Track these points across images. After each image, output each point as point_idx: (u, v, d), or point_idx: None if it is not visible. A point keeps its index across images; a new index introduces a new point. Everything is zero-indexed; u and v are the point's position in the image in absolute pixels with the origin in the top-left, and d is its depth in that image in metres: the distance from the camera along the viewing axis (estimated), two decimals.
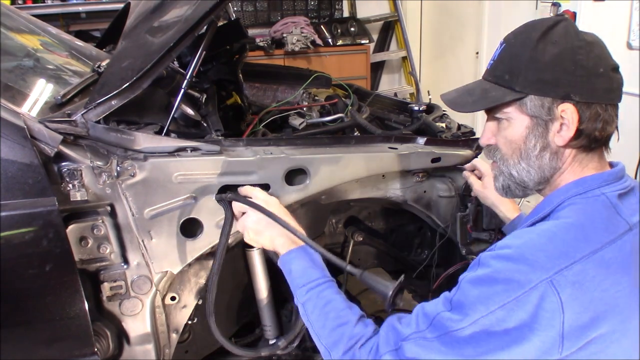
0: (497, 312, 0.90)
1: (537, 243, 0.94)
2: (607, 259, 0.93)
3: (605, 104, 1.00)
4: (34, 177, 1.15)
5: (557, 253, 0.91)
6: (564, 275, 0.89)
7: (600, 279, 0.91)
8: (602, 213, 0.98)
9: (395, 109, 2.19)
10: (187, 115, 1.58)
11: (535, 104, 1.01)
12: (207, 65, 1.98)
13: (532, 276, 0.90)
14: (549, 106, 1.00)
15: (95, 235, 1.26)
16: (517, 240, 0.96)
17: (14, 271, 1.14)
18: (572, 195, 1.01)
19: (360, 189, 1.68)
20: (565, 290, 0.89)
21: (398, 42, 5.08)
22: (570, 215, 0.98)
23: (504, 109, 1.05)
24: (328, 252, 1.25)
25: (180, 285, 1.44)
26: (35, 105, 1.38)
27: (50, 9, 3.82)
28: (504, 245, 0.97)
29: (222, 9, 1.51)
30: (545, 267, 0.90)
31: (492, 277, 0.93)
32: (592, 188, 1.01)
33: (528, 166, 1.06)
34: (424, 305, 1.02)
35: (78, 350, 1.22)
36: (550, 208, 1.03)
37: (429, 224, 1.86)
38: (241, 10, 4.56)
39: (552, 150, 1.03)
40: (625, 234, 0.96)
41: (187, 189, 1.35)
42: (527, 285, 0.89)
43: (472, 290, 0.94)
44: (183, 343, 1.61)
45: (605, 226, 0.96)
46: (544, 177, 1.06)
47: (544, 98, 1.00)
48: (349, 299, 1.20)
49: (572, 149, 1.03)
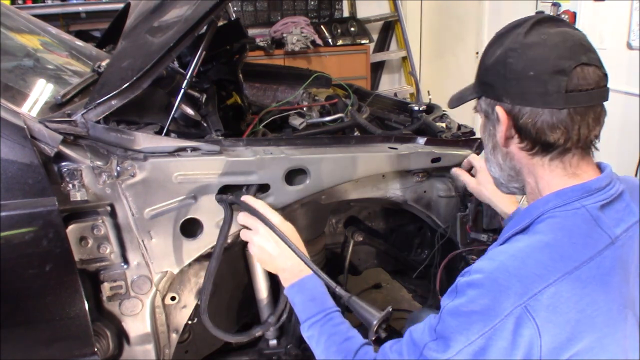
0: (477, 342, 0.91)
1: (509, 267, 0.92)
2: (584, 278, 0.91)
3: (543, 107, 0.96)
4: (34, 177, 1.15)
5: (530, 276, 0.90)
6: (537, 300, 0.88)
7: (575, 299, 0.90)
8: (581, 228, 0.96)
9: (395, 109, 2.19)
10: (187, 115, 1.58)
11: (484, 104, 1.06)
12: (207, 65, 1.98)
13: (505, 304, 0.89)
14: (492, 107, 1.03)
15: (95, 235, 1.26)
16: (491, 264, 0.95)
17: (14, 271, 1.14)
18: (551, 208, 0.99)
19: (361, 189, 1.68)
20: (540, 314, 0.88)
21: (398, 42, 5.08)
22: (547, 232, 0.96)
23: (476, 107, 1.11)
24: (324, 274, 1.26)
25: (180, 285, 1.44)
26: (35, 105, 1.38)
27: (50, 9, 3.82)
28: (478, 270, 0.96)
29: (222, 9, 1.51)
30: (518, 293, 0.89)
31: (468, 307, 0.93)
32: (571, 200, 0.98)
33: (492, 163, 1.11)
34: (412, 333, 1.03)
35: (78, 350, 1.22)
36: (529, 220, 1.01)
37: (429, 224, 1.86)
38: (241, 10, 4.56)
39: (502, 150, 1.06)
40: (605, 249, 0.95)
41: (187, 189, 1.35)
42: (502, 313, 0.89)
43: (451, 321, 0.95)
44: (183, 343, 1.61)
45: (584, 242, 0.94)
46: (510, 176, 1.09)
47: (488, 99, 1.05)
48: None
49: (522, 151, 1.02)
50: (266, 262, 1.32)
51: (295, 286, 1.26)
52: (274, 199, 1.44)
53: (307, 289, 1.25)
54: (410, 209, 1.80)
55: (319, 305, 1.21)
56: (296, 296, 1.25)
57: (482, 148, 1.74)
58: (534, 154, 1.01)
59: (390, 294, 2.90)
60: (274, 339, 1.73)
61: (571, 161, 1.01)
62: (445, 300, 0.99)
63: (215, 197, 1.38)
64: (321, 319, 1.19)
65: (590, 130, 0.98)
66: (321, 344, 1.16)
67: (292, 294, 1.26)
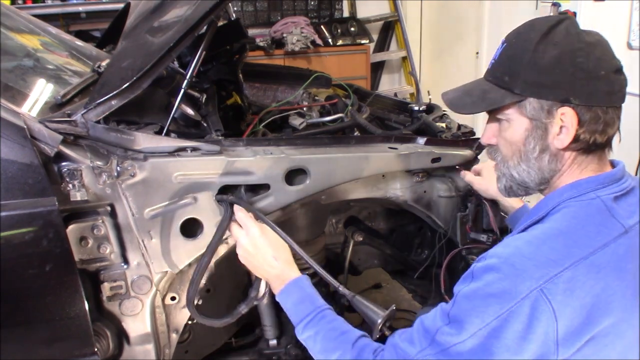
0: (492, 323, 0.91)
1: (525, 252, 0.93)
2: (598, 263, 0.92)
3: (607, 106, 0.98)
4: (34, 177, 1.15)
5: (546, 261, 0.91)
6: (554, 283, 0.90)
7: (591, 284, 0.91)
8: (595, 217, 0.97)
9: (395, 109, 2.19)
10: (187, 115, 1.58)
11: (534, 106, 1.00)
12: (207, 65, 1.98)
13: (522, 286, 0.90)
14: (548, 109, 0.99)
15: (95, 235, 1.26)
16: (506, 250, 0.96)
17: (14, 271, 1.14)
18: (566, 199, 1.01)
19: (360, 189, 1.68)
20: (557, 298, 0.89)
21: (398, 42, 5.08)
22: (561, 220, 0.98)
23: (504, 111, 1.05)
24: (323, 270, 1.26)
25: (180, 285, 1.44)
26: (35, 105, 1.38)
27: (50, 9, 3.82)
28: (493, 255, 0.97)
29: (222, 9, 1.51)
30: (534, 276, 0.90)
31: (485, 290, 0.94)
32: (587, 191, 1.00)
33: (528, 167, 1.06)
34: (423, 320, 1.03)
35: (78, 350, 1.22)
36: (545, 211, 1.02)
37: (429, 224, 1.86)
38: (241, 10, 4.56)
39: (551, 152, 1.03)
40: (619, 237, 0.96)
41: (187, 189, 1.35)
42: (519, 296, 0.90)
43: (467, 304, 0.96)
44: (183, 343, 1.61)
45: (598, 230, 0.95)
46: (544, 178, 1.06)
47: (543, 101, 0.99)
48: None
49: (572, 151, 1.02)
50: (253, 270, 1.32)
51: (284, 292, 1.25)
52: (274, 199, 1.45)
53: (294, 292, 1.24)
54: (410, 209, 1.80)
55: (308, 305, 1.20)
56: (286, 301, 1.24)
57: (482, 148, 1.76)
58: (584, 152, 1.02)
59: (390, 294, 2.90)
60: (274, 339, 1.73)
61: (601, 156, 1.04)
62: (459, 286, 1.00)
63: (216, 197, 1.38)
64: (313, 317, 1.18)
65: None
66: (318, 342, 1.16)
67: (283, 301, 1.25)
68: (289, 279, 1.25)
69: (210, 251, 1.33)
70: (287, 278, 1.25)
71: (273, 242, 1.29)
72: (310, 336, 1.17)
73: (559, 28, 0.99)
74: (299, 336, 1.20)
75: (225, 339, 1.83)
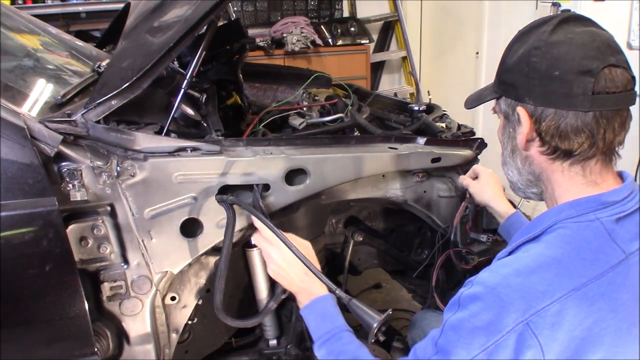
0: (479, 356, 0.89)
1: (512, 282, 0.89)
2: (592, 295, 0.88)
3: (567, 110, 0.92)
4: (34, 177, 1.15)
5: (534, 293, 0.87)
6: (540, 317, 0.86)
7: (581, 317, 0.87)
8: (592, 242, 0.91)
9: (395, 109, 2.19)
10: (187, 115, 1.58)
11: (504, 104, 1.03)
12: (207, 65, 1.98)
13: (507, 319, 0.87)
14: (512, 108, 1.00)
15: (95, 235, 1.26)
16: (493, 278, 0.92)
17: (14, 271, 1.14)
18: (563, 218, 0.95)
19: (361, 189, 1.68)
20: (544, 332, 0.86)
21: (398, 42, 5.08)
22: (556, 245, 0.93)
23: (495, 107, 1.08)
24: (321, 273, 1.27)
25: (180, 285, 1.44)
26: (35, 105, 1.38)
27: (50, 9, 3.82)
28: (480, 282, 0.93)
29: (222, 9, 1.51)
30: (519, 309, 0.86)
31: (470, 321, 0.91)
32: (585, 212, 0.94)
33: (509, 167, 1.07)
34: (416, 349, 1.02)
35: (78, 350, 1.22)
36: (540, 229, 0.97)
37: (429, 224, 1.86)
38: (241, 10, 4.56)
39: (521, 154, 1.02)
40: (618, 265, 0.91)
41: (187, 189, 1.35)
42: (505, 329, 0.87)
43: (453, 335, 0.93)
44: (183, 343, 1.61)
45: (594, 258, 0.90)
46: (529, 180, 1.05)
47: (509, 100, 1.01)
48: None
49: (542, 155, 0.99)
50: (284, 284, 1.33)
51: (309, 307, 1.26)
52: (274, 199, 1.45)
53: (318, 308, 1.24)
54: (410, 209, 1.80)
55: (329, 324, 1.20)
56: (309, 316, 1.25)
57: (482, 148, 1.76)
58: (554, 158, 0.97)
59: (390, 294, 2.90)
60: (274, 339, 1.73)
61: (593, 168, 0.97)
62: (447, 314, 0.97)
63: (216, 197, 1.38)
64: (330, 337, 1.18)
65: (616, 136, 0.93)
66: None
67: (306, 315, 1.26)
68: (316, 295, 1.26)
69: (225, 256, 1.33)
70: (315, 294, 1.26)
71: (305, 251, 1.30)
72: (325, 354, 1.17)
73: (541, 28, 0.97)
74: (315, 352, 1.20)
75: (225, 339, 1.83)
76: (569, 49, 0.92)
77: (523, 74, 0.96)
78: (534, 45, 0.95)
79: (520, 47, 0.98)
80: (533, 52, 0.95)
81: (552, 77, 0.92)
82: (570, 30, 0.95)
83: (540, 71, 0.93)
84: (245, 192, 1.44)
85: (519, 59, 0.97)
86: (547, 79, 0.93)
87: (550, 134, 0.95)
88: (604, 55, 0.92)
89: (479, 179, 1.61)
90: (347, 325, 1.22)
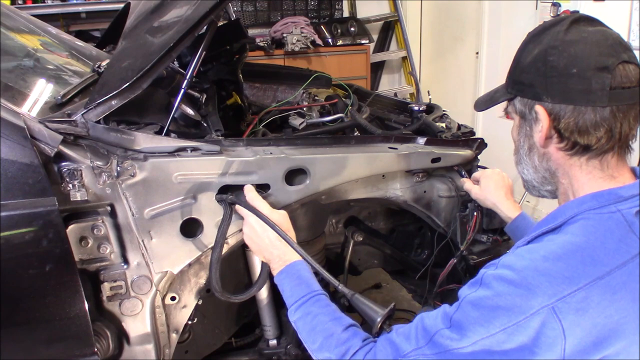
0: (497, 335, 0.90)
1: (540, 267, 0.91)
2: (614, 284, 0.90)
3: (585, 106, 0.95)
4: (34, 177, 1.15)
5: (561, 278, 0.89)
6: (566, 302, 0.88)
7: (605, 304, 0.89)
8: (615, 233, 0.93)
9: (395, 109, 2.19)
10: (187, 115, 1.58)
11: (519, 104, 1.04)
12: (207, 65, 1.99)
13: (533, 302, 0.89)
14: (529, 107, 1.02)
15: (95, 235, 1.26)
16: (521, 262, 0.94)
17: (14, 271, 1.14)
18: (585, 210, 0.97)
19: (360, 189, 1.68)
20: (568, 317, 0.87)
21: (398, 42, 5.08)
22: (579, 234, 0.94)
23: (507, 108, 1.09)
24: (322, 268, 1.26)
25: (180, 285, 1.44)
26: (35, 105, 1.37)
27: (50, 9, 3.82)
28: (507, 265, 0.94)
29: (222, 9, 1.51)
30: (547, 293, 0.88)
31: (494, 300, 0.92)
32: (607, 203, 0.96)
33: (525, 165, 1.09)
34: (424, 318, 1.02)
35: (78, 350, 1.22)
36: (562, 220, 0.99)
37: (429, 224, 1.86)
38: (241, 10, 4.56)
39: (539, 151, 1.04)
40: (638, 255, 0.92)
41: (187, 189, 1.35)
42: (529, 311, 0.88)
43: (472, 311, 0.94)
44: (183, 343, 1.61)
45: (616, 248, 0.92)
46: (544, 178, 1.06)
47: (525, 99, 1.03)
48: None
49: (560, 151, 1.01)
50: (257, 251, 1.34)
51: (283, 272, 1.26)
52: (274, 199, 1.44)
53: (292, 273, 1.25)
54: (410, 209, 1.80)
55: (305, 288, 1.21)
56: (284, 282, 1.25)
57: (482, 148, 1.76)
58: (572, 154, 1.00)
59: (390, 294, 2.90)
60: (274, 339, 1.73)
61: (609, 162, 1.00)
62: (465, 290, 0.98)
63: (215, 197, 1.38)
64: (308, 299, 1.18)
65: (631, 129, 0.97)
66: (308, 323, 1.15)
67: (280, 281, 1.26)
68: (290, 261, 1.26)
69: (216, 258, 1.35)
70: (288, 260, 1.27)
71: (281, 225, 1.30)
72: (301, 317, 1.17)
73: (554, 28, 1.00)
74: (290, 317, 1.20)
75: (225, 339, 1.83)
76: (585, 47, 0.95)
77: (540, 73, 0.98)
78: (551, 45, 0.97)
79: (535, 47, 1.00)
80: (550, 51, 0.97)
81: (571, 75, 0.95)
82: (582, 29, 0.98)
83: (558, 69, 0.96)
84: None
85: (535, 58, 0.99)
86: (566, 76, 0.95)
87: (570, 130, 0.97)
88: (617, 52, 0.95)
89: (481, 183, 1.61)
90: (323, 289, 1.22)
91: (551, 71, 0.97)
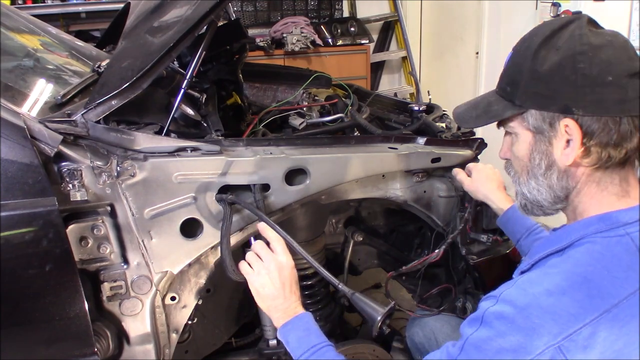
0: None
1: (544, 304, 0.86)
2: (623, 317, 0.85)
3: (619, 116, 0.87)
4: (34, 177, 1.15)
5: (566, 316, 0.84)
6: (572, 340, 0.83)
7: (612, 339, 0.84)
8: (623, 260, 0.87)
9: (395, 109, 2.19)
10: (187, 115, 1.58)
11: (536, 118, 0.94)
12: (207, 65, 1.98)
13: (538, 342, 0.84)
14: (550, 121, 0.92)
15: (95, 235, 1.26)
16: (523, 298, 0.88)
17: (14, 271, 1.14)
18: (592, 233, 0.91)
19: (360, 189, 1.68)
20: (575, 355, 0.84)
21: (398, 42, 5.08)
22: (585, 261, 0.88)
23: (509, 124, 0.99)
24: (322, 268, 1.25)
25: (180, 285, 1.44)
26: (35, 105, 1.37)
27: (50, 9, 3.81)
28: (508, 300, 0.89)
29: (222, 9, 1.51)
30: (552, 333, 0.84)
31: (497, 342, 0.87)
32: (616, 226, 0.90)
33: (537, 185, 0.98)
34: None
35: (78, 350, 1.22)
36: (567, 242, 0.93)
37: (429, 224, 1.86)
38: (241, 10, 4.56)
39: (559, 169, 0.95)
40: None
41: (187, 189, 1.35)
42: (534, 352, 0.84)
43: (476, 354, 0.89)
44: (183, 343, 1.61)
45: (625, 277, 0.86)
46: (558, 197, 0.98)
47: (545, 112, 0.92)
48: None
49: (584, 167, 0.93)
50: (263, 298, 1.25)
51: (290, 324, 1.21)
52: (274, 199, 1.45)
53: (302, 325, 1.20)
54: (410, 209, 1.80)
55: (314, 339, 1.17)
56: (290, 333, 1.20)
57: (482, 148, 1.76)
58: (598, 167, 0.92)
59: (390, 294, 2.90)
60: (274, 339, 1.73)
61: (627, 175, 0.93)
62: (466, 329, 0.93)
63: (215, 197, 1.38)
64: (316, 351, 1.15)
65: None
66: None
67: (286, 332, 1.21)
68: (297, 312, 1.22)
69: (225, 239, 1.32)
70: (296, 311, 1.22)
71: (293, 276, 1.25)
72: None
73: (564, 31, 0.92)
74: None
75: (225, 339, 1.83)
76: (615, 52, 0.88)
77: (569, 82, 0.88)
78: (577, 51, 0.88)
79: (550, 53, 0.91)
80: (579, 58, 0.88)
81: (606, 83, 0.87)
82: (601, 32, 0.91)
83: (591, 77, 0.87)
84: (245, 192, 1.44)
85: (559, 66, 0.89)
86: (600, 85, 0.87)
87: (604, 143, 0.89)
88: (636, 55, 0.89)
89: (472, 176, 1.61)
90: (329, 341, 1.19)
91: (583, 80, 0.87)
